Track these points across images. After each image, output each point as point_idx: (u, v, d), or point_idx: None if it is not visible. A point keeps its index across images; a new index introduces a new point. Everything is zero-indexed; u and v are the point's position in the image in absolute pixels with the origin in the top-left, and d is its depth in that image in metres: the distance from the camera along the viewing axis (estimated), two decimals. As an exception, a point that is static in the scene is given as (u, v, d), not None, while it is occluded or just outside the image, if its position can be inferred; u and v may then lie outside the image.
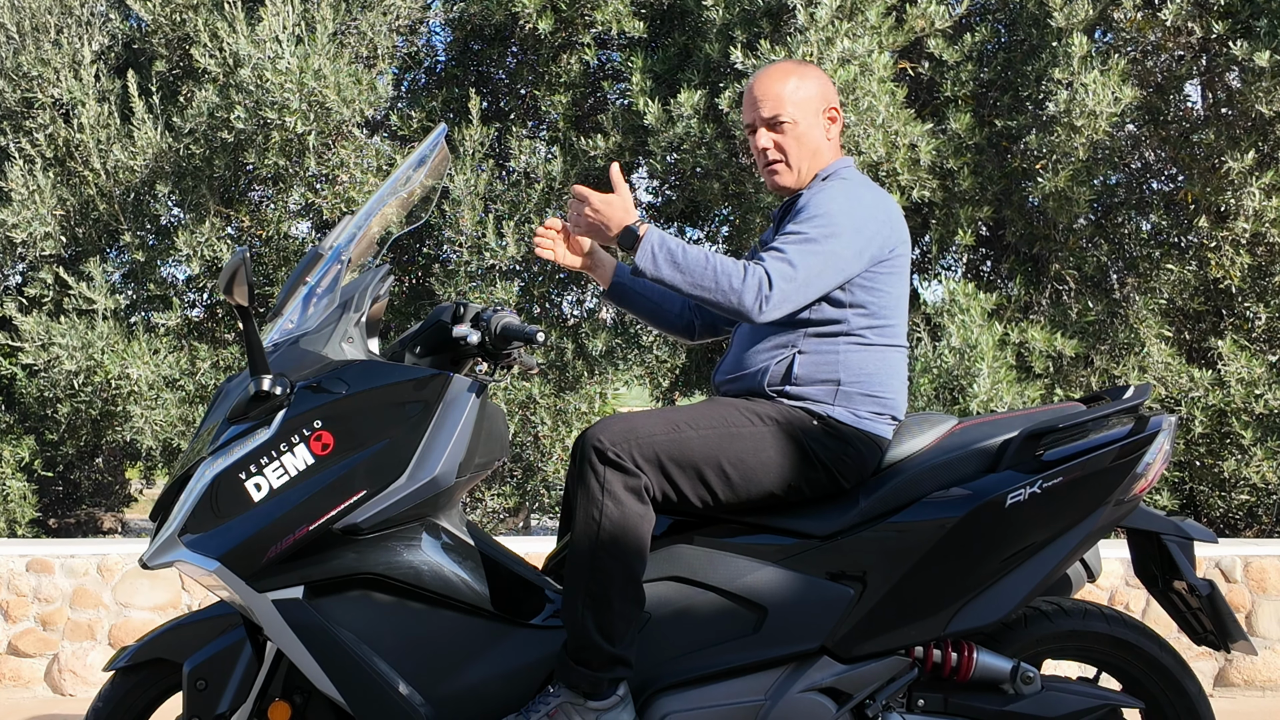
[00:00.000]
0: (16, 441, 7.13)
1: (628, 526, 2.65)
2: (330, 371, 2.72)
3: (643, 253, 2.71)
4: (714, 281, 2.67)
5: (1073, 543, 2.75)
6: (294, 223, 7.08)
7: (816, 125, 2.97)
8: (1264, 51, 5.94)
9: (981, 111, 6.74)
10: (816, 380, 2.82)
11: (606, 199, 2.78)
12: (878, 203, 2.88)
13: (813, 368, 2.82)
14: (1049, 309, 6.88)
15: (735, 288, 2.66)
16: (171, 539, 2.68)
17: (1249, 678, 5.11)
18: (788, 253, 2.72)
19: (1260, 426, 6.35)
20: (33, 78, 6.96)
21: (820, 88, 2.98)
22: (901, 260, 2.90)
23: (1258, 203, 6.31)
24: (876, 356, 2.86)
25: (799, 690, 2.71)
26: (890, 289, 2.87)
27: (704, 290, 2.69)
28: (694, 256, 2.70)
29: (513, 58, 7.73)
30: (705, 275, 2.68)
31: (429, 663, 2.72)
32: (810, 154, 2.96)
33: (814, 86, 2.97)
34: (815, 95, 2.96)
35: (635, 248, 2.73)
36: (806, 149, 2.96)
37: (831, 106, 2.99)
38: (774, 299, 2.67)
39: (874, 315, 2.86)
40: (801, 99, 2.95)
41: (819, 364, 2.82)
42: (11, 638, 5.11)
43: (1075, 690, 2.85)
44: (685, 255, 2.70)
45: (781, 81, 2.96)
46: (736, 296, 2.67)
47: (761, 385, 2.85)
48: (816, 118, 2.96)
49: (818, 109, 2.97)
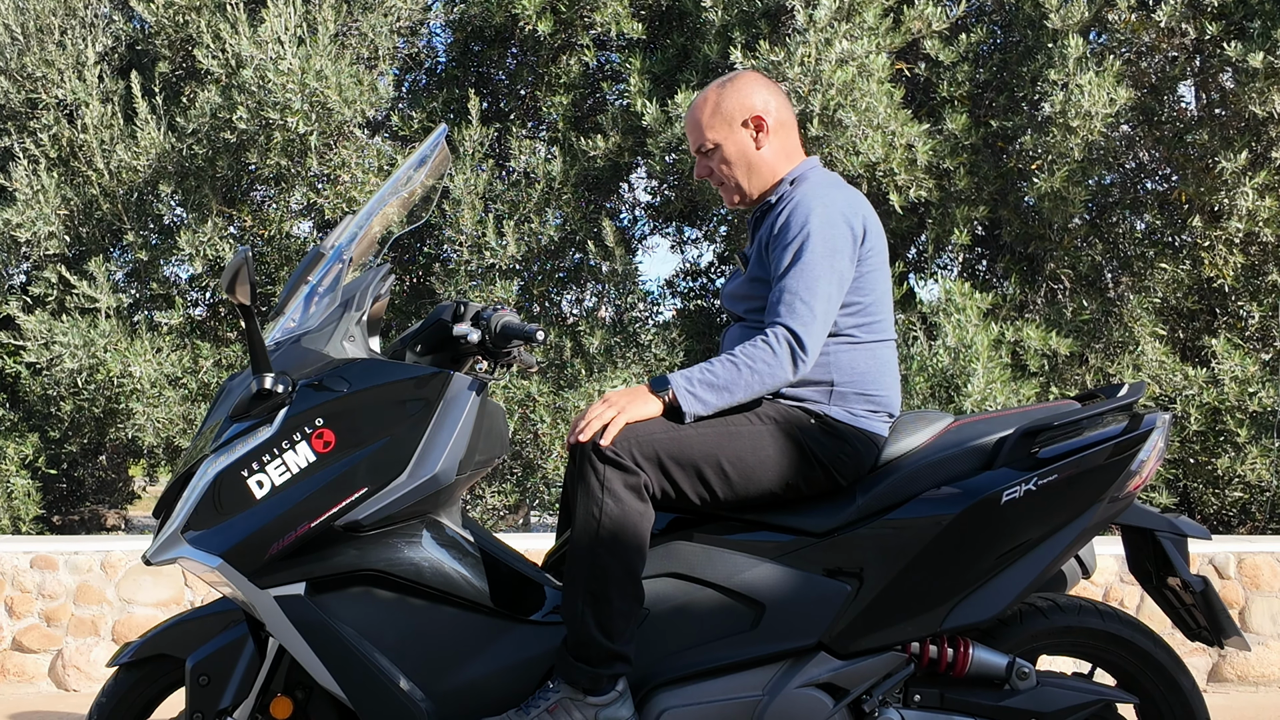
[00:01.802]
0: (20, 439, 7.14)
1: (627, 524, 2.65)
2: (332, 370, 2.72)
3: (685, 402, 2.72)
4: (755, 376, 2.71)
5: (1067, 539, 2.75)
6: (296, 222, 7.09)
7: (740, 140, 2.94)
8: (1257, 53, 5.97)
9: (977, 112, 6.77)
10: (810, 382, 2.82)
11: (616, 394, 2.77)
12: (848, 203, 2.85)
13: None
14: (1044, 308, 6.89)
15: (774, 369, 2.71)
16: (174, 536, 2.68)
17: (1242, 673, 5.13)
18: (798, 293, 2.74)
19: (1253, 424, 6.37)
20: (37, 78, 6.97)
21: (739, 101, 2.94)
22: (878, 254, 2.88)
23: (1251, 202, 6.33)
24: (867, 354, 2.86)
25: (796, 685, 2.72)
26: (872, 285, 2.86)
27: (755, 390, 2.72)
28: (724, 372, 2.72)
29: (513, 59, 7.74)
30: (748, 378, 2.71)
31: (430, 658, 2.72)
32: (745, 169, 2.96)
33: (732, 102, 2.94)
34: (734, 111, 2.93)
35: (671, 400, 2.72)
36: (739, 167, 2.95)
37: (753, 115, 2.93)
38: (808, 353, 2.72)
39: (860, 313, 2.85)
40: (716, 122, 2.94)
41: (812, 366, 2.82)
42: (16, 633, 5.12)
43: (1070, 685, 2.85)
44: (718, 376, 2.72)
45: (700, 109, 2.96)
46: (780, 370, 2.71)
47: None
48: (738, 133, 2.94)
49: (736, 124, 2.94)
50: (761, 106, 2.94)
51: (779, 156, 2.96)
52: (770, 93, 2.98)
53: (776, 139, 2.96)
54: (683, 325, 7.21)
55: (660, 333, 6.99)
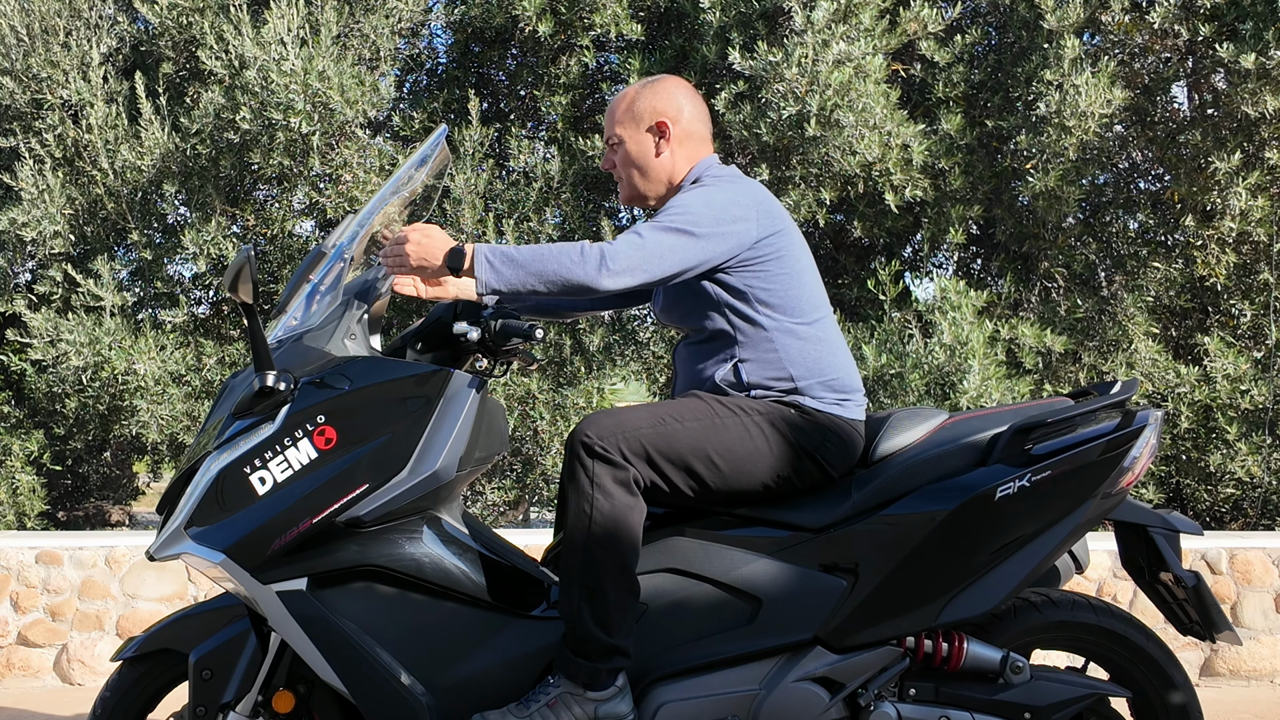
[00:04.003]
0: (26, 436, 7.15)
1: (618, 518, 2.66)
2: (333, 367, 2.73)
3: (480, 267, 2.66)
4: (555, 263, 2.64)
5: (1061, 535, 2.78)
6: (298, 221, 7.09)
7: (643, 142, 2.97)
8: (1249, 54, 5.99)
9: (972, 112, 6.78)
10: (770, 380, 2.84)
11: (423, 228, 2.74)
12: (740, 194, 2.85)
13: (760, 370, 2.84)
14: (1038, 306, 6.91)
15: (576, 260, 2.64)
16: (178, 532, 2.70)
17: (1234, 667, 5.16)
18: (638, 228, 2.71)
19: (1245, 421, 6.39)
20: (42, 79, 6.97)
21: (652, 104, 2.97)
22: (782, 241, 2.87)
23: (1243, 202, 6.35)
24: (811, 341, 2.86)
25: (793, 680, 2.74)
26: (785, 271, 2.86)
27: (550, 277, 2.65)
28: (528, 251, 2.67)
29: (513, 60, 7.75)
30: (546, 261, 2.65)
31: (430, 653, 2.74)
32: (640, 171, 2.99)
33: (645, 103, 2.97)
34: (644, 112, 2.96)
35: (468, 269, 2.68)
36: (635, 167, 2.98)
37: (659, 121, 2.95)
38: (617, 264, 2.65)
39: (786, 302, 2.85)
40: (627, 119, 2.97)
41: (764, 365, 2.84)
42: (21, 628, 5.14)
43: (1064, 680, 2.87)
44: (520, 253, 2.67)
45: (618, 103, 3.00)
46: (581, 268, 2.64)
47: (723, 391, 2.87)
48: (642, 135, 2.97)
49: (642, 126, 2.96)
50: (671, 113, 2.97)
51: (679, 164, 2.99)
52: (687, 101, 3.00)
53: (680, 148, 2.99)
54: (681, 323, 7.22)
55: (659, 331, 7.02)
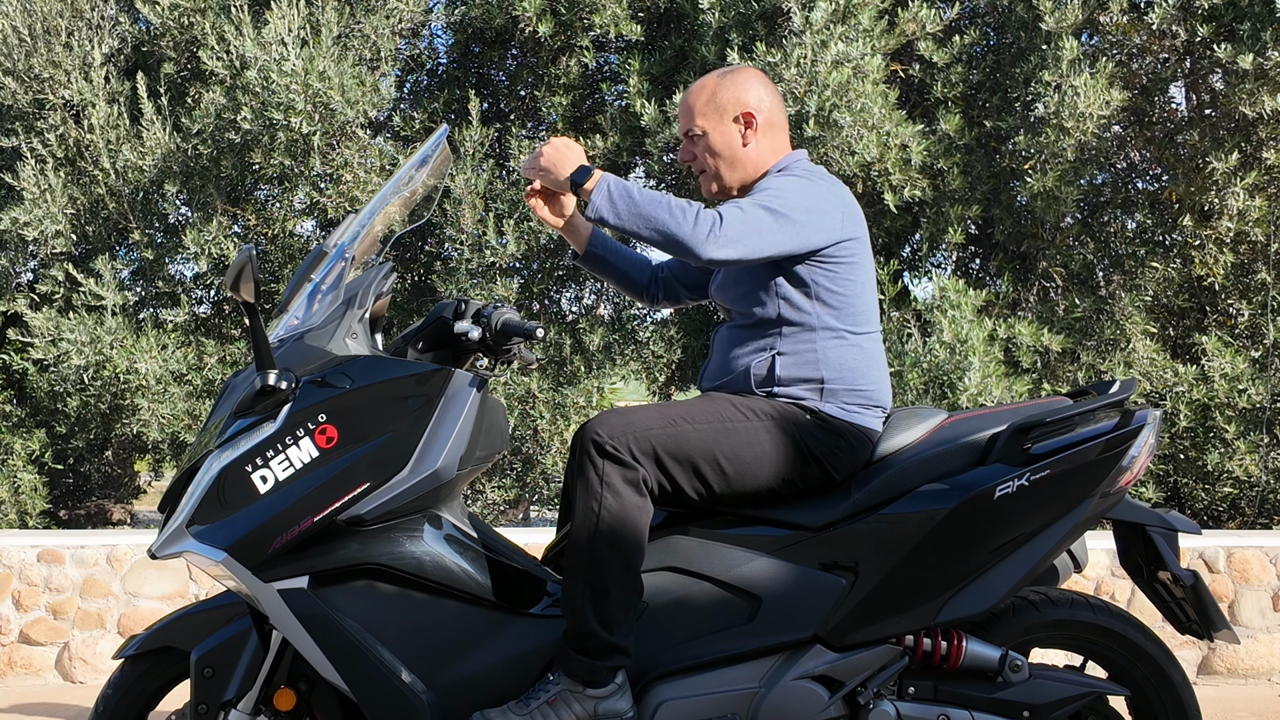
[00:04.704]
0: (28, 435, 7.17)
1: (626, 518, 2.66)
2: (334, 366, 2.72)
3: (598, 192, 2.70)
4: (668, 214, 2.66)
5: (1060, 534, 2.77)
6: (299, 221, 7.11)
7: (729, 133, 2.95)
8: (1247, 54, 6.00)
9: (971, 113, 6.80)
10: (800, 379, 2.84)
11: (563, 141, 2.79)
12: (831, 191, 2.86)
13: (794, 367, 2.84)
14: (1037, 305, 6.93)
15: (689, 218, 2.65)
16: (179, 530, 2.69)
17: (1232, 666, 5.17)
18: (741, 203, 2.73)
19: (1243, 420, 6.40)
20: (44, 79, 6.98)
21: (734, 95, 2.95)
22: (859, 249, 2.88)
23: (1241, 202, 6.36)
24: (854, 349, 2.87)
25: (792, 678, 2.74)
26: (854, 278, 2.87)
27: (658, 224, 2.67)
28: (648, 194, 2.68)
29: (513, 60, 7.76)
30: (659, 209, 2.67)
31: (431, 651, 2.74)
32: (728, 162, 2.97)
33: (727, 94, 2.95)
34: (727, 103, 2.94)
35: (588, 188, 2.73)
36: (723, 159, 2.96)
37: (745, 112, 2.93)
38: (724, 235, 2.66)
39: (843, 308, 2.86)
40: (709, 110, 2.95)
41: (800, 363, 2.84)
42: (23, 626, 5.16)
43: (1062, 678, 2.87)
44: (640, 193, 2.68)
45: (696, 94, 2.97)
46: (690, 227, 2.65)
47: (748, 386, 2.87)
48: (727, 126, 2.95)
49: (727, 117, 2.95)
50: (755, 104, 2.95)
51: (765, 155, 2.98)
52: (766, 91, 2.98)
53: (765, 138, 2.97)
54: (680, 323, 7.25)
55: (658, 330, 7.04)
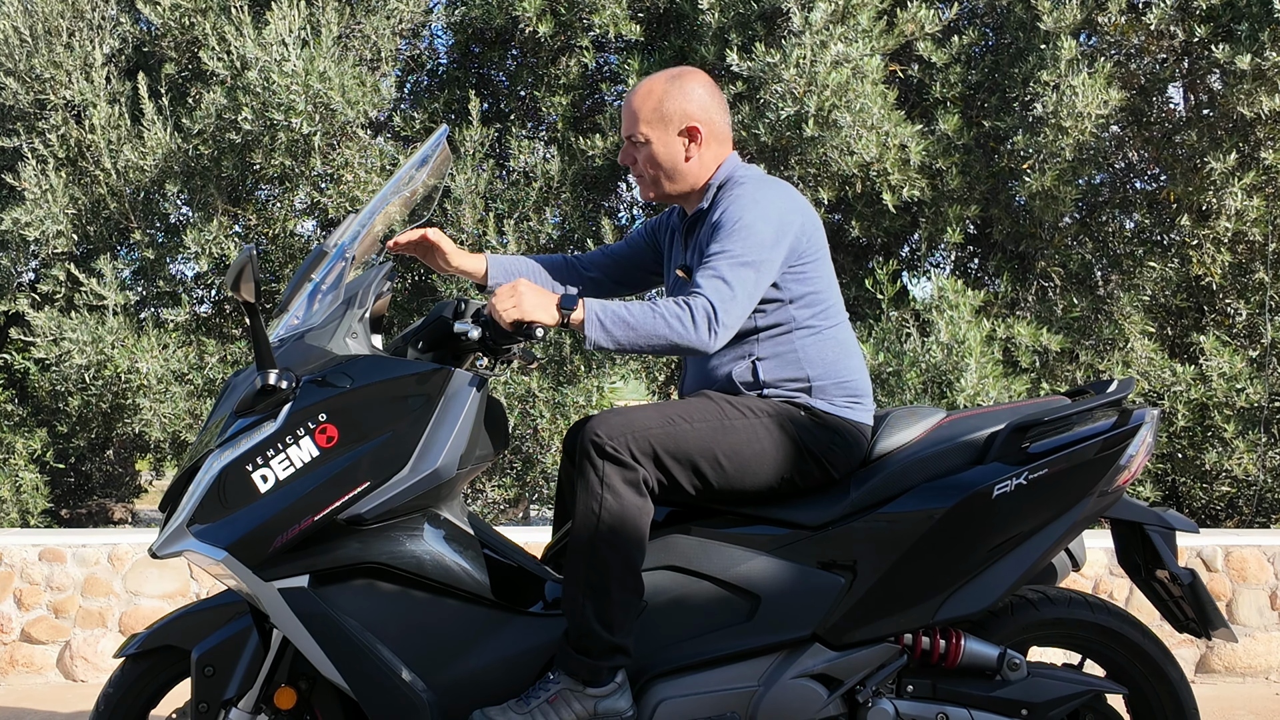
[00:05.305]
0: (29, 434, 7.16)
1: (626, 518, 2.67)
2: (335, 366, 2.74)
3: (590, 324, 2.67)
4: (665, 326, 2.65)
5: (1058, 533, 2.79)
6: (299, 221, 7.10)
7: (673, 146, 2.94)
8: (1245, 55, 6.01)
9: (969, 113, 6.80)
10: (786, 380, 2.86)
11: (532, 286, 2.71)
12: (780, 200, 2.86)
13: (778, 369, 2.86)
14: (1035, 305, 6.93)
15: (686, 324, 2.65)
16: (180, 529, 2.71)
17: (1229, 664, 5.18)
18: (722, 272, 2.71)
19: (1241, 420, 6.40)
20: (45, 80, 6.98)
21: (681, 106, 2.92)
22: (819, 244, 2.91)
23: (1239, 202, 6.37)
24: (830, 341, 2.90)
25: (791, 676, 2.76)
26: (820, 273, 2.89)
27: (658, 340, 2.66)
28: (635, 310, 2.66)
29: (513, 60, 7.76)
30: (655, 323, 2.66)
31: (431, 650, 2.75)
32: (668, 175, 2.95)
33: (674, 105, 2.92)
34: (673, 115, 2.92)
35: (578, 321, 2.69)
36: (663, 170, 2.95)
37: (690, 126, 2.92)
38: (724, 323, 2.68)
39: (814, 303, 2.88)
40: (655, 119, 2.92)
41: (782, 364, 2.86)
42: (25, 625, 5.17)
43: (1060, 676, 2.89)
44: (628, 313, 2.66)
45: (643, 100, 2.94)
46: (693, 336, 2.65)
47: (735, 391, 2.89)
48: (671, 138, 2.93)
49: (672, 129, 2.93)
50: (701, 116, 2.94)
51: (707, 165, 2.98)
52: (713, 100, 2.97)
53: (708, 151, 2.97)
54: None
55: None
